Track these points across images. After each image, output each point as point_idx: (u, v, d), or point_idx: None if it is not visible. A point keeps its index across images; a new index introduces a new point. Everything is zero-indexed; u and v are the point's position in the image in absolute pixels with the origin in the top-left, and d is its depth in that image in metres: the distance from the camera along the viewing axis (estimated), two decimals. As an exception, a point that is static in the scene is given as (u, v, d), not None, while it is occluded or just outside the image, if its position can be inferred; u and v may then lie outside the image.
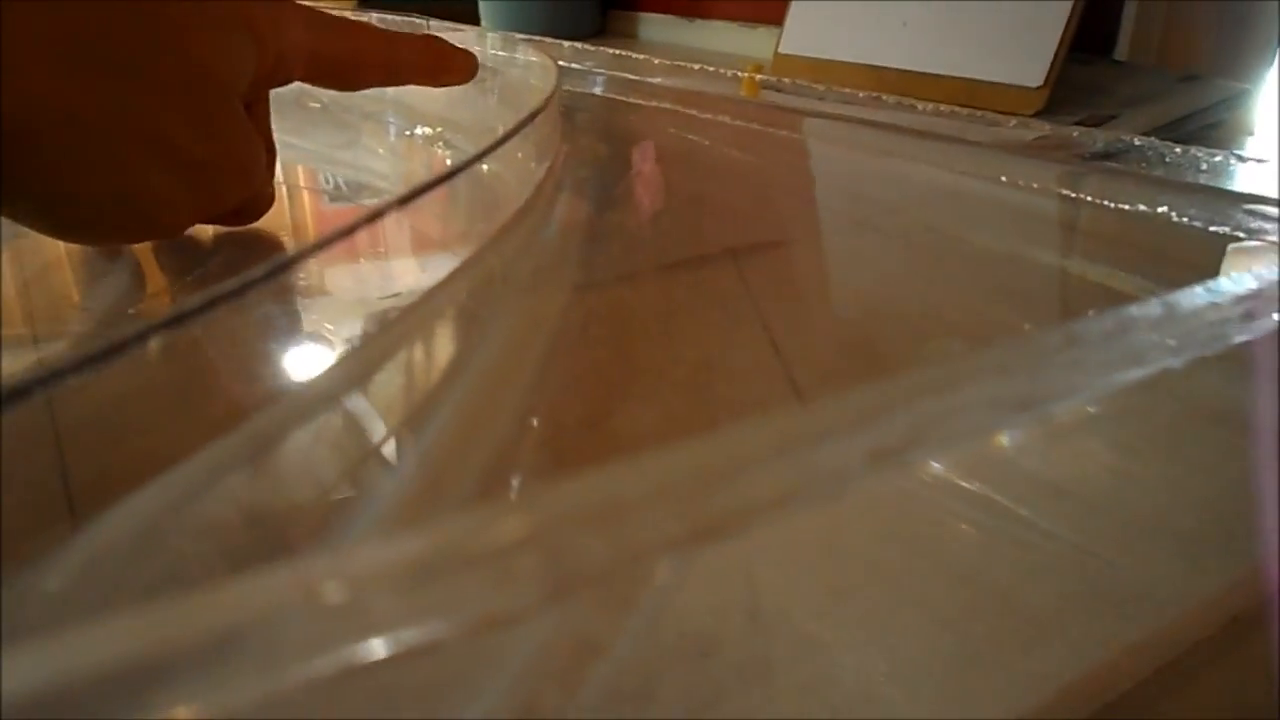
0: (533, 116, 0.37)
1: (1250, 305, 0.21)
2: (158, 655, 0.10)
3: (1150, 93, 1.09)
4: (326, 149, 1.04)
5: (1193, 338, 0.20)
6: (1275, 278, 0.22)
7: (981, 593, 0.23)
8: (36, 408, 0.18)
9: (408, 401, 0.24)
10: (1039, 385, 0.17)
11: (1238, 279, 0.22)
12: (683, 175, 0.53)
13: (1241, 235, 0.35)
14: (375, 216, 0.25)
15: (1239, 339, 0.21)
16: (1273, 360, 0.24)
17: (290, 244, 0.55)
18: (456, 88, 0.49)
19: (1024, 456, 0.25)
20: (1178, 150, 0.43)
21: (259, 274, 0.20)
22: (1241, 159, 0.41)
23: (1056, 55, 1.05)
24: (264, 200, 0.45)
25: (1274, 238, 0.35)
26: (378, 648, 0.10)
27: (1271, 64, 1.18)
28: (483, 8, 1.84)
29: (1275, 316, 0.22)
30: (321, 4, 1.58)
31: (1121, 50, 1.24)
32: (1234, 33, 1.24)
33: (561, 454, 0.23)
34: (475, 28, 1.70)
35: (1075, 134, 0.54)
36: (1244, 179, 0.39)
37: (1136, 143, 0.46)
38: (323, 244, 0.23)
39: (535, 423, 0.24)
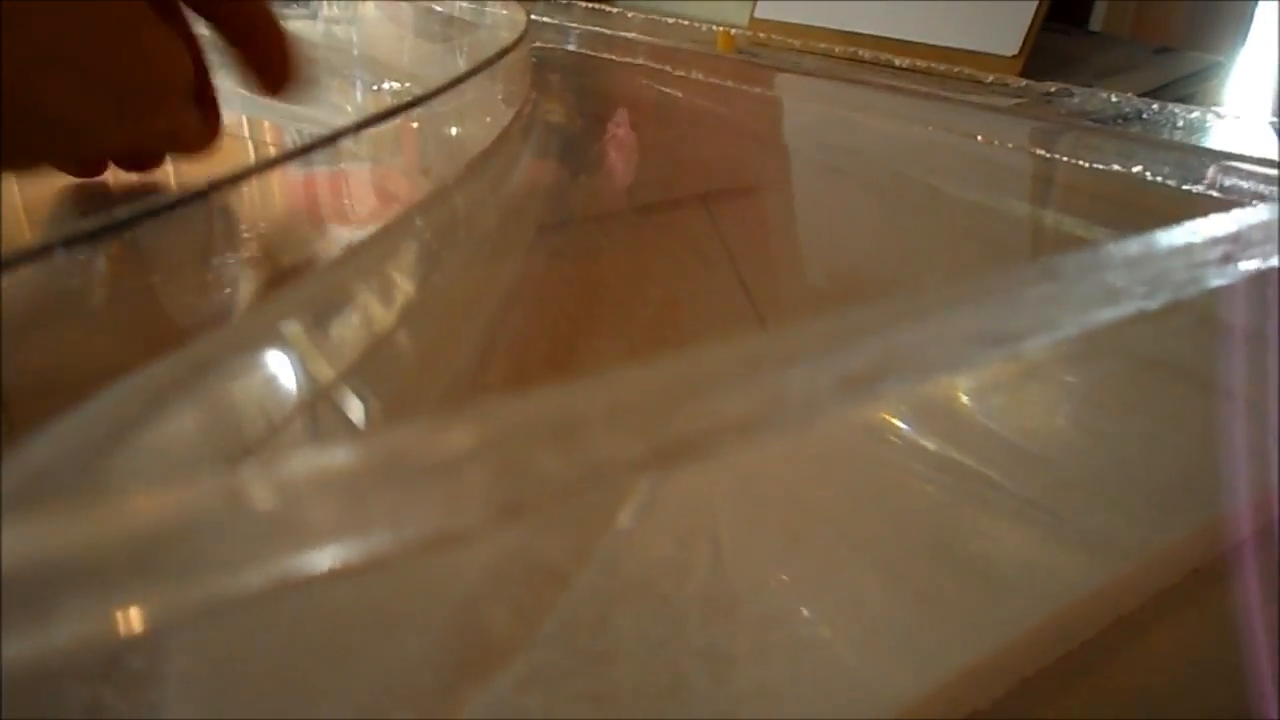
0: (500, 55, 0.35)
1: (1228, 248, 0.21)
2: (76, 559, 0.09)
3: (1125, 64, 1.09)
4: (292, 105, 1.02)
5: (1167, 279, 0.19)
6: (1255, 221, 0.22)
7: (938, 545, 0.23)
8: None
9: (365, 335, 0.23)
10: (1014, 319, 0.17)
11: (1217, 221, 0.21)
12: (655, 126, 0.52)
13: (1215, 194, 0.35)
14: (331, 140, 0.24)
15: (1215, 283, 0.21)
16: (1245, 305, 0.23)
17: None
18: (425, 43, 0.47)
19: (984, 413, 0.24)
20: (1154, 107, 0.43)
21: (203, 186, 0.19)
22: (1219, 115, 0.40)
23: (1032, 24, 1.04)
24: (200, 132, 0.41)
25: (1252, 197, 0.35)
26: (313, 561, 0.09)
27: (1245, 37, 1.19)
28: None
29: (1254, 263, 0.22)
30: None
31: (1096, 21, 1.24)
32: (1208, 5, 1.24)
33: (523, 387, 0.23)
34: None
35: (1053, 89, 0.53)
36: (1220, 137, 0.39)
37: (1114, 99, 0.46)
38: (273, 162, 0.22)
39: (496, 356, 0.23)
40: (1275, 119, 0.45)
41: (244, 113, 0.97)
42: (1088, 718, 0.22)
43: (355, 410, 0.20)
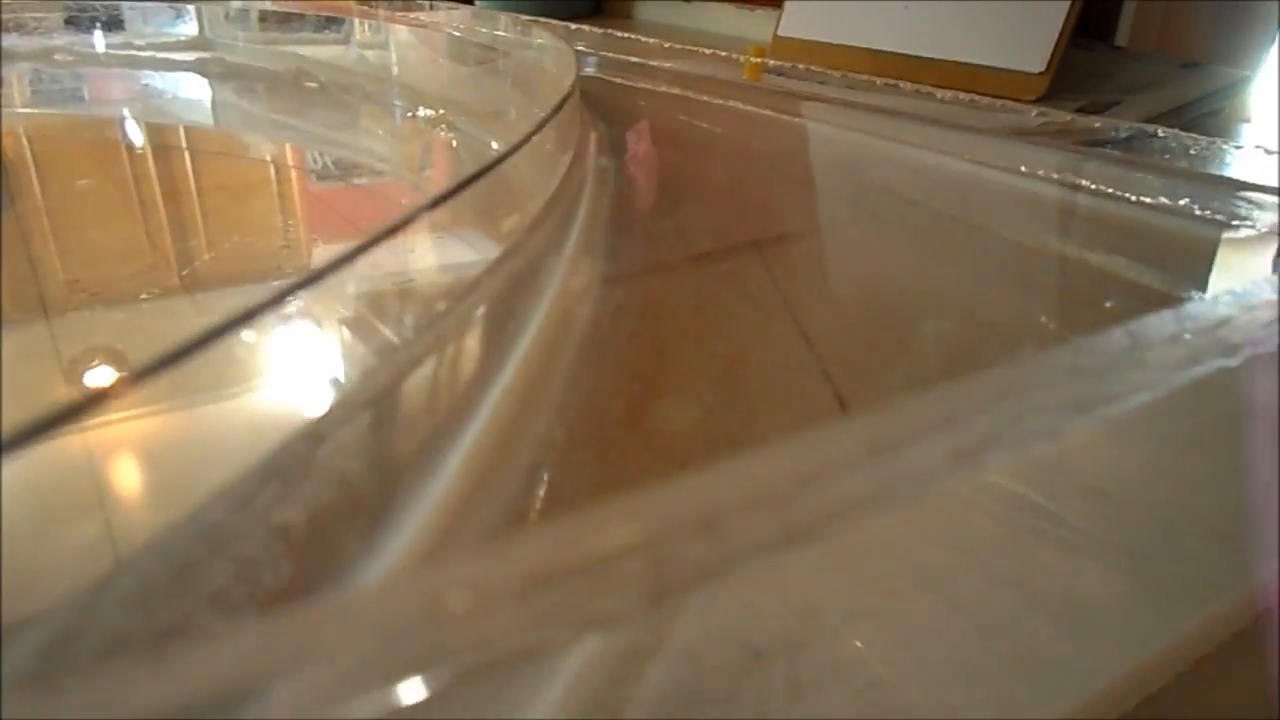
0: (557, 109, 0.36)
1: None
2: (274, 669, 0.10)
3: (1151, 79, 1.09)
4: (324, 129, 1.03)
5: (1247, 338, 0.20)
6: None
7: (1021, 593, 0.23)
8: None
9: (448, 403, 0.24)
10: (1105, 386, 0.17)
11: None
12: (699, 165, 0.53)
13: (1235, 222, 0.35)
14: (406, 223, 0.24)
15: None
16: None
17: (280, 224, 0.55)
18: (466, 70, 0.48)
19: (1066, 457, 0.25)
20: (1165, 136, 0.43)
21: (311, 275, 0.20)
22: (1237, 147, 0.41)
23: (1058, 41, 1.04)
24: None
25: (1266, 226, 0.36)
26: (493, 656, 0.10)
27: (1270, 51, 1.19)
28: (478, -13, 1.82)
29: None
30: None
31: (1122, 36, 1.24)
32: (1233, 20, 1.24)
33: (604, 452, 0.23)
34: (473, 6, 1.68)
35: (1070, 119, 0.54)
36: (1237, 165, 0.40)
37: (1160, 134, 0.46)
38: (363, 248, 0.23)
39: (574, 418, 0.24)
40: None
41: (270, 136, 0.99)
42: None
43: (448, 479, 0.21)
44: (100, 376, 0.37)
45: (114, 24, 1.26)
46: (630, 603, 0.12)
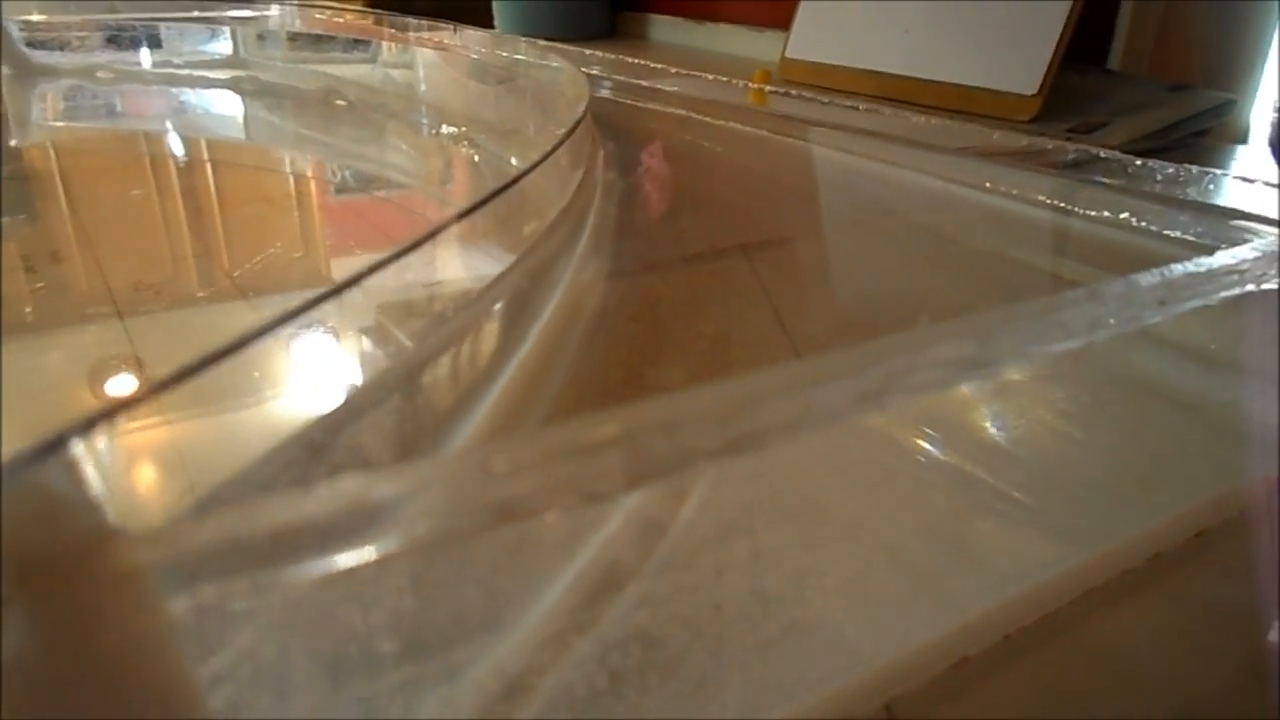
0: (571, 131, 0.41)
1: (1163, 294, 0.27)
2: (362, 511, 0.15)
3: (1141, 101, 1.14)
4: (349, 144, 1.09)
5: (1120, 314, 0.25)
6: (1188, 270, 0.27)
7: (924, 525, 0.28)
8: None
9: (482, 365, 0.29)
10: (988, 349, 0.22)
11: (1171, 268, 0.27)
12: (699, 178, 0.58)
13: (1191, 238, 0.40)
14: (437, 231, 0.29)
15: (1155, 319, 0.26)
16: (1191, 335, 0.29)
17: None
18: (487, 89, 0.53)
19: (975, 420, 0.30)
20: (1138, 162, 0.48)
21: (341, 284, 0.24)
22: (1192, 173, 0.45)
23: (1051, 64, 1.09)
24: None
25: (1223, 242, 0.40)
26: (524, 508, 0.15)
27: (1259, 74, 1.23)
28: (496, 9, 1.89)
29: (1195, 303, 0.27)
30: (330, 3, 1.63)
31: (1114, 60, 1.29)
32: (1224, 44, 1.29)
33: (604, 403, 0.28)
34: (489, 30, 1.75)
35: (1050, 146, 0.59)
36: (1196, 189, 0.44)
37: (1102, 155, 0.51)
38: (396, 255, 0.28)
39: (583, 379, 0.29)
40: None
41: (303, 150, 1.04)
42: (1061, 669, 0.27)
43: (487, 415, 0.26)
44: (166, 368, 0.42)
45: (152, 43, 1.33)
46: (615, 484, 0.17)
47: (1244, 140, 1.22)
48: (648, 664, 0.19)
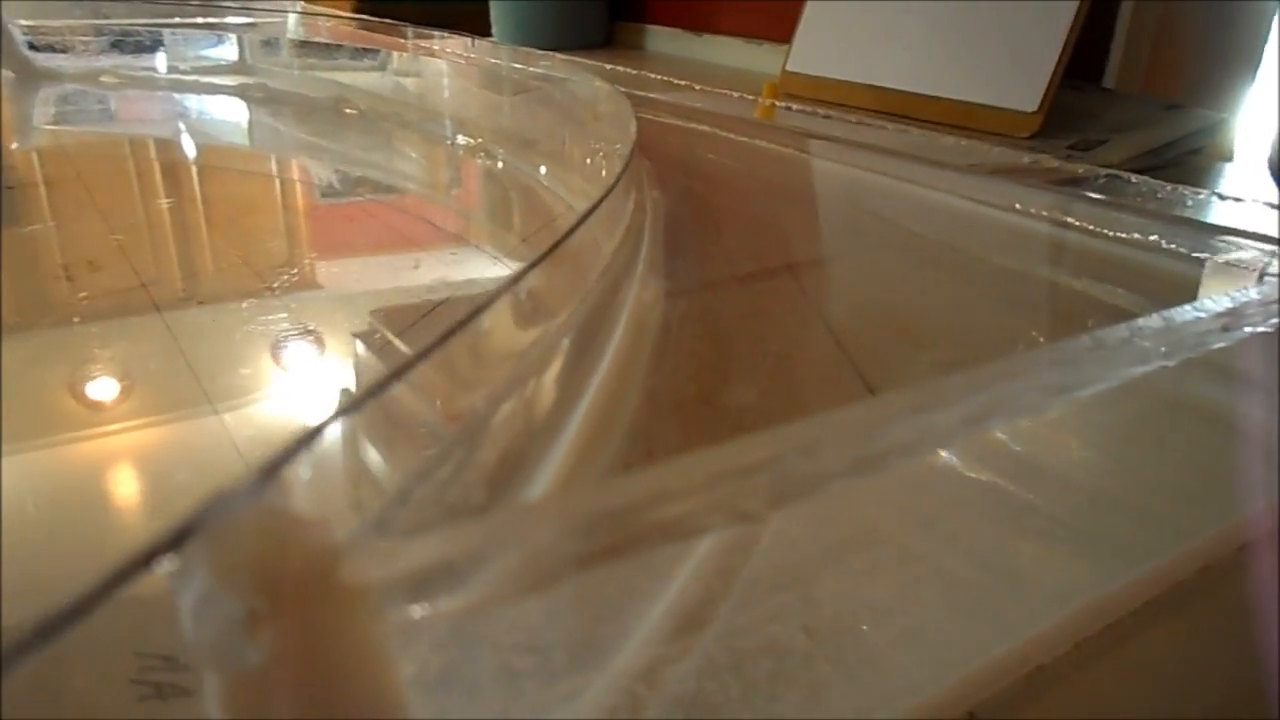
0: (632, 157, 0.43)
1: (1227, 319, 0.28)
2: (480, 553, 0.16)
3: (1137, 119, 1.16)
4: (355, 150, 1.10)
5: (1183, 344, 0.26)
6: (1248, 299, 0.29)
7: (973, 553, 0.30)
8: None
9: (570, 384, 0.30)
10: (1078, 375, 0.24)
11: (1218, 299, 0.29)
12: (730, 197, 0.59)
13: (1195, 255, 0.42)
14: (536, 264, 0.30)
15: (1217, 345, 0.28)
16: (1249, 361, 0.30)
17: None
18: (504, 101, 0.54)
19: (1019, 446, 0.31)
20: (1135, 180, 0.50)
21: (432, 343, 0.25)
22: (1196, 194, 0.47)
23: (1051, 82, 1.12)
24: None
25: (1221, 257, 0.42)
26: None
27: (1248, 94, 1.26)
28: (494, 18, 1.90)
29: (1248, 329, 0.29)
30: (318, 6, 1.64)
31: (1110, 78, 1.31)
32: (1215, 64, 1.32)
33: (685, 423, 0.30)
34: (489, 39, 1.75)
35: (1055, 165, 0.61)
36: (1195, 208, 0.46)
37: (1127, 178, 0.53)
38: (498, 293, 0.28)
39: (660, 399, 0.30)
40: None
41: (305, 157, 1.05)
42: (1125, 674, 0.28)
43: (570, 438, 0.27)
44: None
45: (156, 48, 1.32)
46: (762, 503, 0.18)
47: (1230, 158, 1.25)
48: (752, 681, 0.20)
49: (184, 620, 0.13)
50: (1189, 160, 1.15)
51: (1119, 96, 1.26)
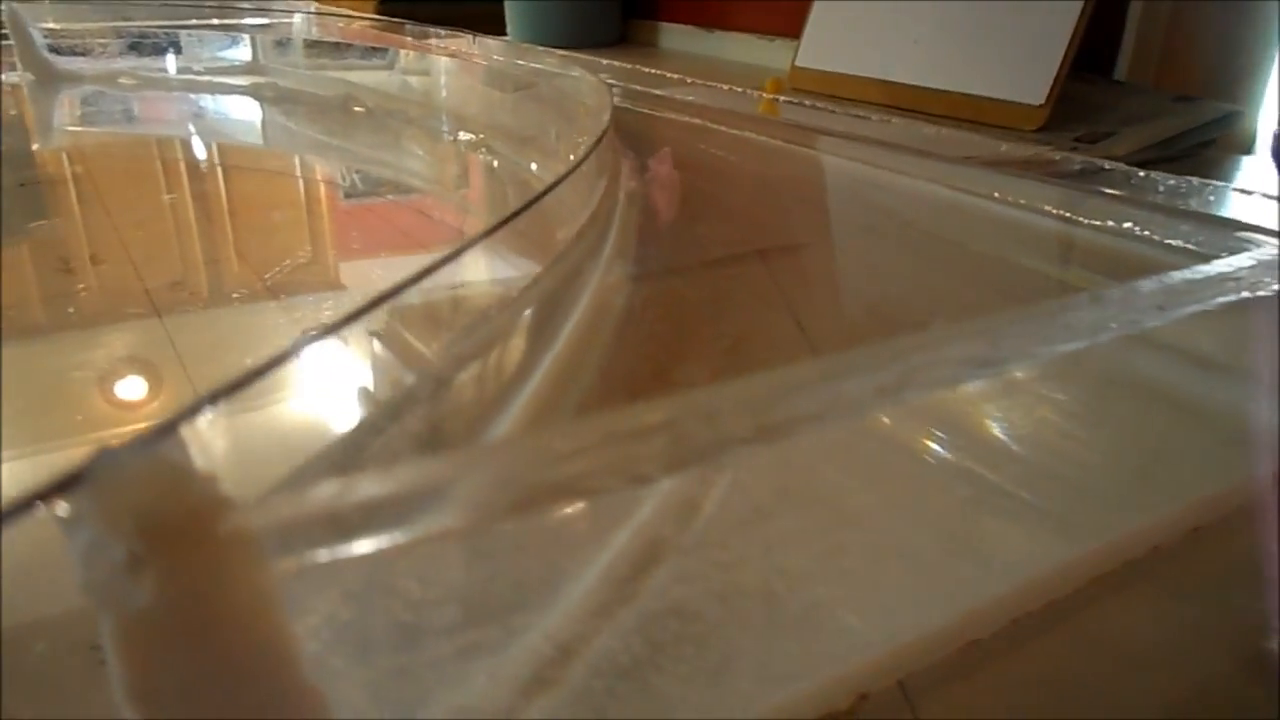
0: (598, 143, 0.43)
1: (1163, 298, 0.28)
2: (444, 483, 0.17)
3: (1146, 112, 1.15)
4: (366, 149, 1.11)
5: (1113, 322, 0.27)
6: (1185, 278, 0.29)
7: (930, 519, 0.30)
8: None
9: (521, 361, 0.31)
10: (998, 349, 0.24)
11: (1155, 278, 0.29)
12: (714, 187, 0.60)
13: (1190, 247, 0.42)
14: (467, 247, 0.31)
15: (1151, 324, 0.28)
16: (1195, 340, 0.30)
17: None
18: (506, 98, 0.55)
19: (974, 418, 0.32)
20: (1141, 174, 0.50)
21: (388, 292, 0.26)
22: (1202, 185, 0.47)
23: (1058, 75, 1.11)
24: None
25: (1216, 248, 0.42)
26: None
27: (1264, 87, 1.24)
28: (509, 17, 1.91)
29: (1187, 308, 0.29)
30: (341, 6, 1.66)
31: (1121, 71, 1.30)
32: (1230, 56, 1.30)
33: (634, 397, 0.30)
34: (504, 38, 1.77)
35: (1057, 156, 0.60)
36: (1166, 195, 0.46)
37: (1106, 166, 0.53)
38: (440, 263, 0.29)
39: (615, 375, 0.31)
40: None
41: (313, 154, 1.06)
42: (1066, 653, 0.28)
43: (522, 406, 0.28)
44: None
45: (173, 49, 1.35)
46: (659, 467, 0.19)
47: (1249, 151, 1.23)
48: (682, 636, 0.21)
49: (75, 563, 0.14)
50: (1200, 153, 1.14)
51: (1129, 89, 1.25)
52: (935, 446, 0.34)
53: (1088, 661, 0.29)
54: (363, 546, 0.16)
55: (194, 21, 1.41)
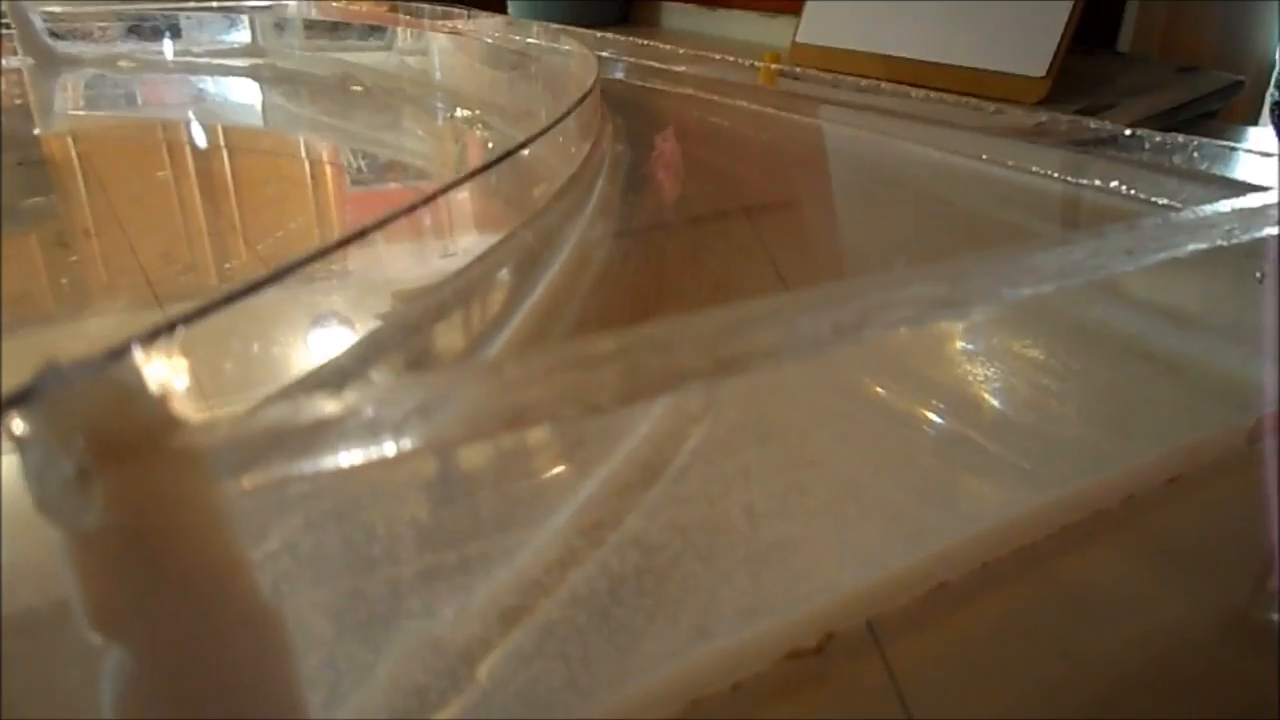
0: (577, 104, 0.43)
1: (1132, 244, 0.28)
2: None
3: (1149, 83, 1.14)
4: (367, 130, 1.12)
5: (1080, 267, 0.27)
6: (1158, 225, 0.29)
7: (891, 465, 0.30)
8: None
9: (497, 311, 0.31)
10: (960, 290, 0.24)
11: (1127, 226, 0.29)
12: (706, 151, 0.60)
13: (1178, 205, 0.41)
14: (434, 196, 0.31)
15: (1120, 270, 0.28)
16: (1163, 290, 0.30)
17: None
18: (498, 74, 0.55)
19: (943, 369, 0.32)
20: (1158, 139, 0.49)
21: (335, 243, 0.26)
22: (1187, 141, 0.47)
23: (1059, 46, 1.10)
24: None
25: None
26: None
27: (1269, 56, 1.23)
28: (511, -5, 1.91)
29: (1158, 255, 0.29)
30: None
31: (1124, 42, 1.29)
32: (1234, 25, 1.29)
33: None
34: (505, 16, 1.76)
35: (1064, 126, 0.60)
36: (1182, 157, 0.46)
37: (1121, 132, 0.52)
38: (394, 216, 0.30)
39: (588, 328, 0.31)
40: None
41: (311, 134, 1.06)
42: (1035, 598, 0.29)
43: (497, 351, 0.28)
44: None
45: (172, 32, 1.35)
46: (612, 397, 0.19)
47: (1255, 121, 1.22)
48: (645, 569, 0.21)
49: (28, 479, 0.14)
50: (1202, 123, 1.13)
51: (1131, 60, 1.24)
52: (902, 396, 0.34)
53: (1059, 611, 0.29)
54: (311, 466, 0.16)
55: (193, 4, 1.41)
